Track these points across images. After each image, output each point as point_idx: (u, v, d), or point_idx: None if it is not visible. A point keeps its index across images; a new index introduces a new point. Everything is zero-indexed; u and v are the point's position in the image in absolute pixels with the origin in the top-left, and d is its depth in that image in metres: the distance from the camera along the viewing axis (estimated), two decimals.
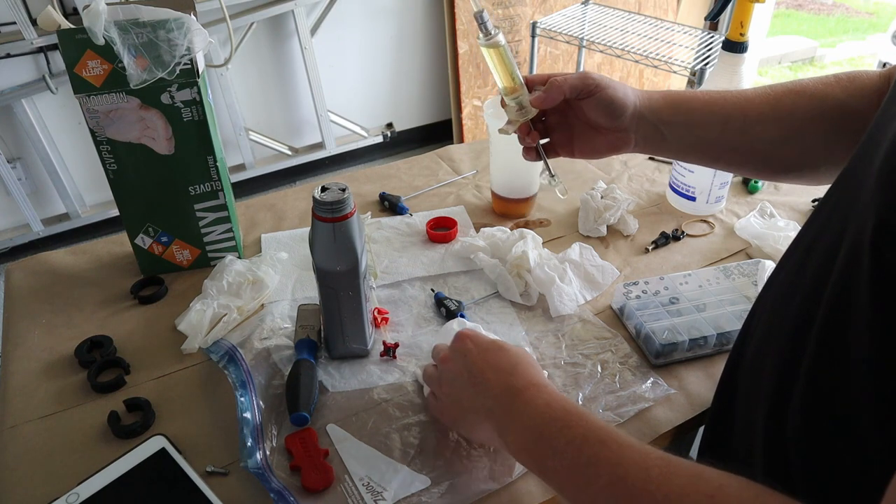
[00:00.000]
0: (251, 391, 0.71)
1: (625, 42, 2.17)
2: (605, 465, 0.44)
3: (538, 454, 0.50)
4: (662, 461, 0.43)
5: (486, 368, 0.58)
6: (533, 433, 0.51)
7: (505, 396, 0.55)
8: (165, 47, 0.77)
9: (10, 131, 2.28)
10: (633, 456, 0.44)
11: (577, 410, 0.50)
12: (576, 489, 0.46)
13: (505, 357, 0.59)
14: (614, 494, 0.43)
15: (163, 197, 0.87)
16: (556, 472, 0.48)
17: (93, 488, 0.62)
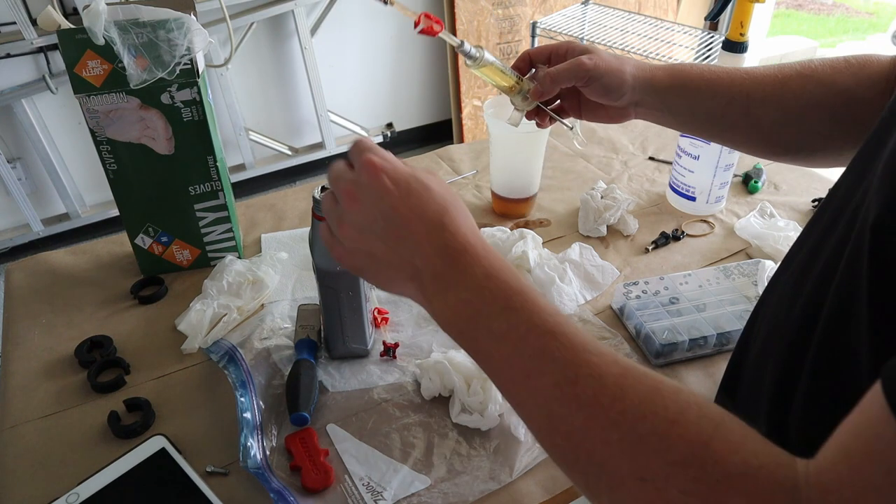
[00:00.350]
0: (251, 391, 0.71)
1: (625, 42, 2.17)
2: (552, 363, 0.39)
3: (471, 334, 0.43)
4: (619, 369, 0.37)
5: (412, 218, 0.45)
6: (468, 309, 0.43)
7: (436, 258, 0.45)
8: (165, 47, 0.77)
9: (10, 131, 2.28)
10: (588, 358, 0.38)
11: (522, 288, 0.42)
12: (512, 382, 0.41)
13: (431, 200, 0.46)
14: (559, 398, 0.38)
15: (163, 197, 0.87)
16: (492, 357, 0.42)
17: (93, 488, 0.62)
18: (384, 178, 0.46)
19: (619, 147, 1.24)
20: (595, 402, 0.37)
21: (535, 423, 0.40)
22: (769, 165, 1.16)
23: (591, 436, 0.36)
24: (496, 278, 0.43)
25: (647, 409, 0.35)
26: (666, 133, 1.28)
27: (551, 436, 0.39)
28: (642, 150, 1.23)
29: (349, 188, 0.47)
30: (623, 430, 0.35)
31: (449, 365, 0.71)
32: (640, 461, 0.34)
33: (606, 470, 0.36)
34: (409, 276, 0.46)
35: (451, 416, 0.70)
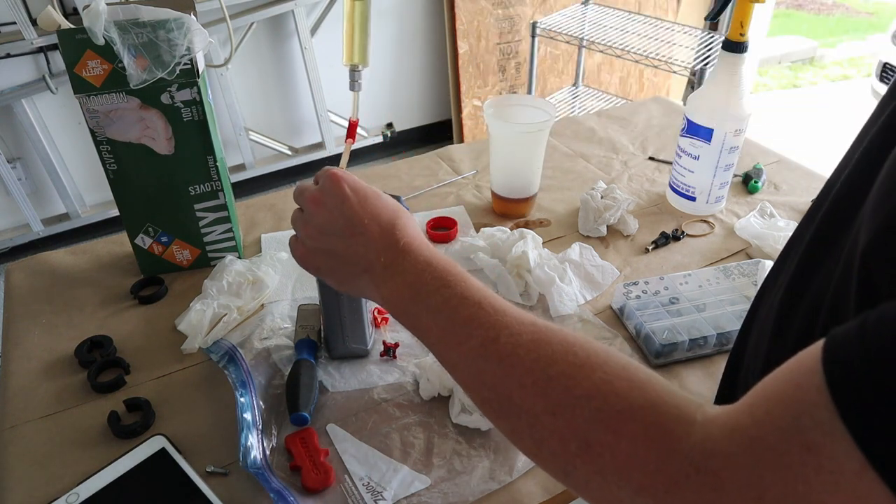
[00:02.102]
0: (251, 391, 0.71)
1: (625, 42, 2.17)
2: (478, 327, 0.45)
3: (414, 312, 0.50)
4: (535, 328, 0.43)
5: (368, 219, 0.54)
6: (410, 291, 0.50)
7: (387, 252, 0.53)
8: (165, 47, 0.77)
9: (10, 131, 2.28)
10: (507, 320, 0.44)
11: (458, 271, 0.50)
12: (447, 348, 0.47)
13: (385, 207, 0.55)
14: (484, 355, 0.43)
15: (163, 197, 0.87)
16: (431, 330, 0.48)
17: (93, 488, 0.62)
18: (345, 185, 0.55)
19: (619, 147, 1.24)
20: (513, 354, 0.42)
21: (467, 381, 0.46)
22: (769, 165, 1.16)
23: (510, 382, 0.42)
24: (434, 265, 0.51)
25: (557, 356, 0.41)
26: (666, 133, 1.28)
27: (479, 389, 0.44)
28: (642, 150, 1.23)
29: (315, 195, 0.56)
30: (536, 374, 0.40)
31: None
32: (551, 398, 0.39)
33: (524, 410, 0.41)
34: (363, 269, 0.54)
35: (451, 416, 0.70)
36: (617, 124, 1.32)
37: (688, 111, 0.98)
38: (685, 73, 2.07)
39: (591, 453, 0.36)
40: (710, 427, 0.33)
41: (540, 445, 0.40)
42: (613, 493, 0.36)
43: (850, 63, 4.47)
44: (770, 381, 0.32)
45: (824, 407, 0.28)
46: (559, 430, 0.38)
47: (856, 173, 0.45)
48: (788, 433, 0.29)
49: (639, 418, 0.35)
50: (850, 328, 0.29)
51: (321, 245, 0.56)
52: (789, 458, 0.29)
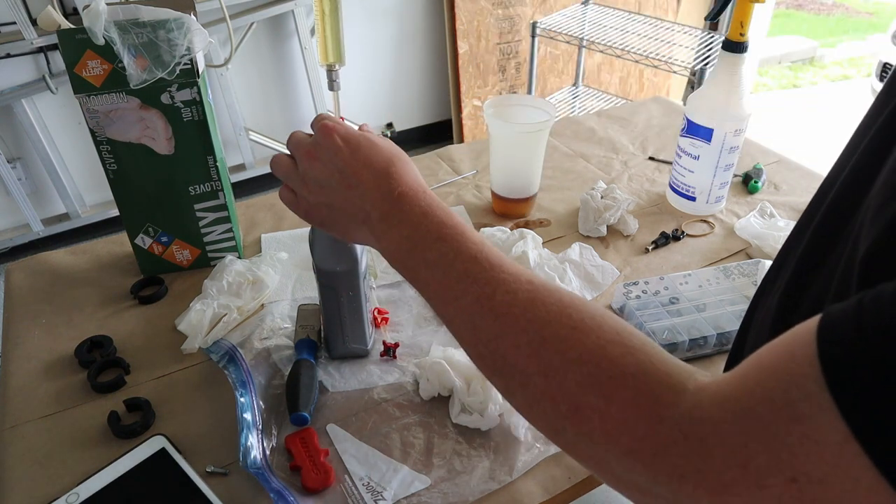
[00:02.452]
0: (251, 391, 0.71)
1: (625, 42, 2.17)
2: (474, 283, 0.44)
3: (412, 265, 0.49)
4: (531, 286, 0.43)
5: (361, 169, 0.53)
6: (408, 243, 0.50)
7: (383, 202, 0.52)
8: (165, 47, 0.77)
9: (10, 131, 2.27)
10: (503, 277, 0.44)
11: (454, 223, 0.49)
12: (444, 303, 0.47)
13: (379, 154, 0.54)
14: (479, 312, 0.43)
15: (163, 197, 0.87)
16: (428, 284, 0.48)
17: (93, 488, 0.62)
18: (336, 137, 0.54)
19: (619, 147, 1.24)
20: (508, 312, 0.42)
21: (463, 336, 0.46)
22: (769, 165, 1.16)
23: (504, 341, 0.42)
24: (432, 215, 0.50)
25: (552, 318, 0.40)
26: (666, 133, 1.28)
27: (475, 345, 0.44)
28: (642, 150, 1.23)
29: (308, 149, 0.56)
30: (530, 335, 0.40)
31: (447, 365, 0.71)
32: (544, 359, 0.39)
33: (518, 369, 0.41)
34: (362, 221, 0.54)
35: (451, 416, 0.70)
36: (617, 124, 1.32)
37: (688, 111, 0.98)
38: (685, 73, 2.07)
39: (580, 416, 0.37)
40: (701, 395, 0.33)
41: (531, 405, 0.41)
42: (601, 455, 0.36)
43: (850, 63, 4.47)
44: (764, 352, 0.33)
45: (814, 379, 0.28)
46: (550, 391, 0.39)
47: (855, 173, 0.44)
48: (777, 403, 0.30)
49: (630, 385, 0.36)
50: (847, 305, 0.29)
51: (321, 199, 0.56)
52: (776, 428, 0.29)
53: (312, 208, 0.58)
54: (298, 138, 0.58)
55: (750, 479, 0.30)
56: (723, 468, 0.31)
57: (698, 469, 0.32)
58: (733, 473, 0.30)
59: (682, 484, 0.32)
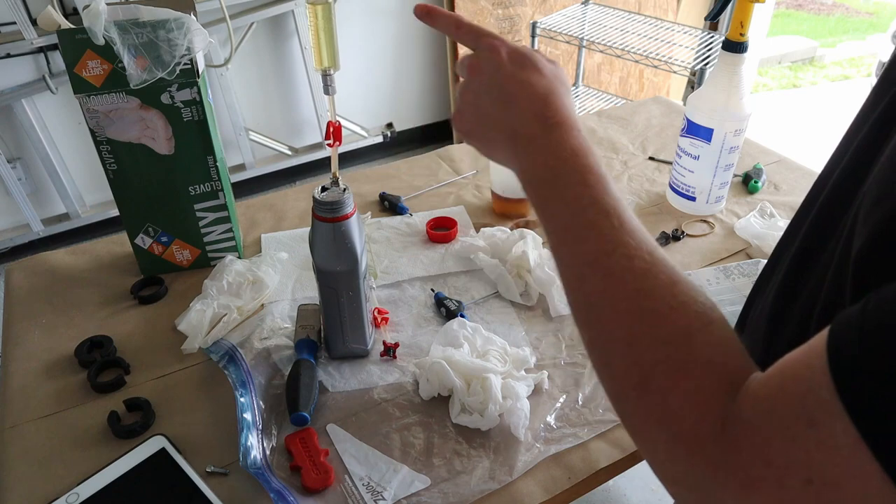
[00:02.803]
0: (251, 391, 0.71)
1: (625, 42, 2.17)
2: (598, 236, 0.44)
3: (545, 194, 0.49)
4: (650, 258, 0.43)
5: (519, 90, 0.53)
6: (549, 174, 0.49)
7: (535, 125, 0.51)
8: (165, 47, 0.77)
9: (10, 131, 2.27)
10: (627, 240, 0.44)
11: (600, 172, 0.48)
12: (562, 242, 0.47)
13: (541, 78, 0.53)
14: (592, 264, 0.44)
15: (163, 197, 0.87)
16: (555, 219, 0.48)
17: (93, 488, 0.62)
18: (502, 51, 0.54)
19: (619, 147, 1.24)
20: (619, 276, 0.42)
21: (568, 282, 0.46)
22: (769, 165, 1.16)
23: (606, 301, 0.42)
24: (581, 155, 0.49)
25: (658, 292, 0.41)
26: (666, 133, 1.28)
27: (575, 292, 0.45)
28: (642, 150, 1.23)
29: (473, 61, 0.55)
30: (631, 303, 0.41)
31: (447, 365, 0.71)
32: (635, 329, 0.40)
33: (606, 330, 0.42)
34: (509, 137, 0.53)
35: (451, 416, 0.70)
36: (617, 124, 1.32)
37: (688, 111, 0.98)
38: (685, 73, 2.07)
39: (647, 392, 0.38)
40: (744, 394, 0.35)
41: (606, 365, 0.42)
42: (653, 433, 0.38)
43: (850, 63, 4.46)
44: (788, 358, 0.34)
45: (826, 388, 0.30)
46: (628, 360, 0.40)
47: (849, 170, 0.45)
48: (796, 409, 0.31)
49: (698, 375, 0.37)
50: (852, 312, 0.31)
51: (476, 109, 0.55)
52: (794, 432, 0.31)
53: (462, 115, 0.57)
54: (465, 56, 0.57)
55: (773, 477, 0.32)
56: (749, 464, 0.33)
57: (729, 463, 0.33)
58: (759, 471, 0.32)
59: (715, 475, 0.34)
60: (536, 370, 0.76)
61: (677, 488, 0.38)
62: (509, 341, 0.79)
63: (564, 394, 0.74)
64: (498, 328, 0.83)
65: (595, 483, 0.67)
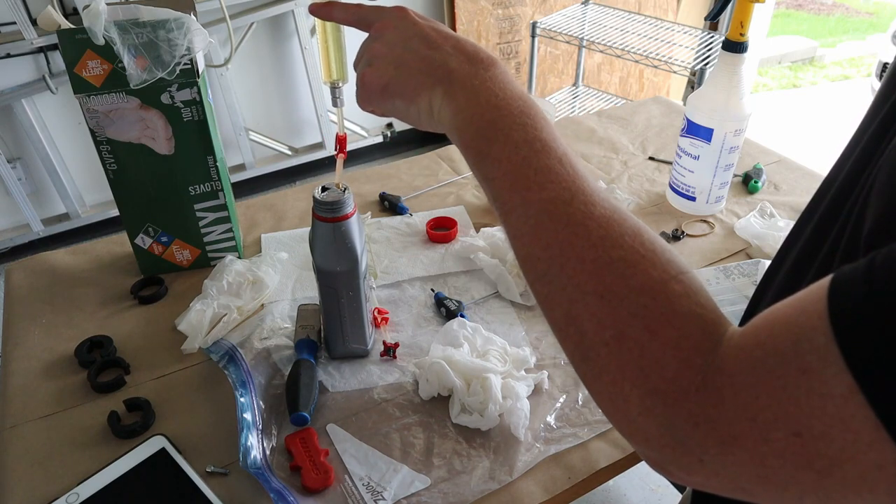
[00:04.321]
0: (251, 391, 0.71)
1: (625, 42, 2.17)
2: (554, 182, 0.41)
3: (489, 136, 0.44)
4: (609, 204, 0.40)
5: (449, 35, 0.50)
6: (494, 112, 0.45)
7: (471, 64, 0.47)
8: (165, 47, 0.77)
9: (10, 131, 2.27)
10: (584, 187, 0.41)
11: (545, 117, 0.45)
12: (511, 189, 0.43)
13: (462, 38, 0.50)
14: (551, 213, 0.40)
15: (163, 197, 0.87)
16: (500, 163, 0.43)
17: (93, 488, 0.62)
18: (411, 13, 0.51)
19: (619, 147, 1.24)
20: (581, 223, 0.39)
21: (519, 231, 0.42)
22: (769, 165, 1.16)
23: (569, 252, 0.39)
24: (525, 98, 0.46)
25: (625, 241, 0.38)
26: (666, 133, 1.28)
27: (530, 245, 0.41)
28: (642, 150, 1.23)
29: (382, 22, 0.52)
30: (598, 252, 0.38)
31: (447, 365, 0.71)
32: (606, 280, 0.37)
33: (572, 283, 0.39)
34: (438, 80, 0.48)
35: (451, 416, 0.70)
36: (617, 124, 1.32)
37: (688, 111, 0.98)
38: (685, 73, 2.07)
39: (622, 346, 0.36)
40: (725, 345, 0.34)
41: (571, 322, 0.39)
42: (625, 390, 0.35)
43: (850, 63, 4.46)
44: (777, 307, 0.33)
45: (822, 332, 0.29)
46: (600, 314, 0.37)
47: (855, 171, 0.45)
48: (786, 356, 0.30)
49: (678, 325, 0.35)
50: (858, 264, 0.30)
51: (391, 59, 0.50)
52: (784, 381, 0.30)
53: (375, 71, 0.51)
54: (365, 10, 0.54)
55: (756, 432, 0.30)
56: (733, 419, 0.31)
57: (710, 418, 0.32)
58: (742, 426, 0.31)
59: (694, 430, 0.33)
60: (536, 370, 0.76)
61: (649, 446, 0.36)
62: (509, 341, 0.79)
63: (564, 394, 0.74)
64: (498, 328, 0.83)
65: (595, 483, 0.67)
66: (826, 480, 0.29)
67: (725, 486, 0.33)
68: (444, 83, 0.48)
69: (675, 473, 0.35)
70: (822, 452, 0.29)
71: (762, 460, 0.30)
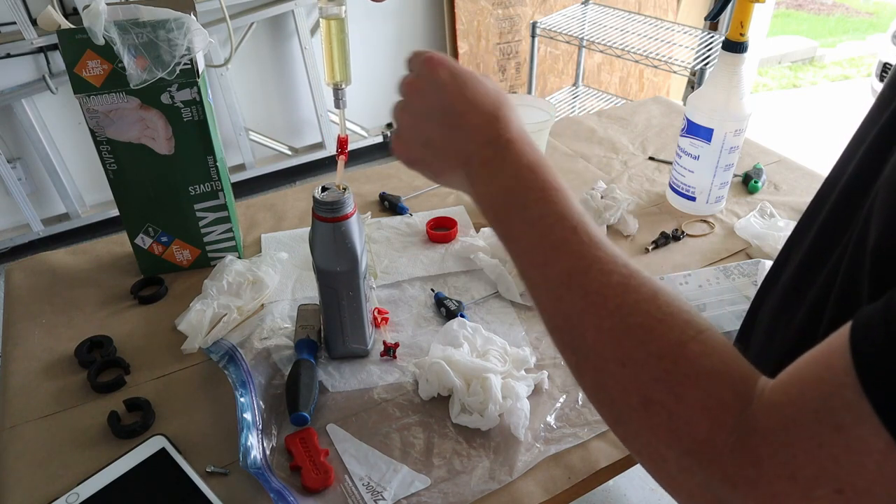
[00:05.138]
0: (251, 391, 0.71)
1: (625, 42, 2.17)
2: (570, 254, 0.42)
3: (507, 218, 0.47)
4: (626, 271, 0.41)
5: (467, 108, 0.50)
6: (508, 196, 0.47)
7: (488, 147, 0.48)
8: (165, 47, 0.77)
9: (10, 131, 2.27)
10: (600, 255, 0.42)
11: (560, 186, 0.46)
12: (532, 266, 0.45)
13: (487, 95, 0.50)
14: (568, 284, 0.42)
15: (163, 197, 0.87)
16: (519, 241, 0.46)
17: (93, 488, 0.62)
18: (443, 71, 0.51)
19: (619, 147, 1.24)
20: (598, 293, 0.40)
21: (542, 304, 0.44)
22: (769, 165, 1.16)
23: (587, 321, 0.40)
24: (538, 171, 0.47)
25: (641, 307, 0.39)
26: (666, 133, 1.28)
27: (554, 316, 0.43)
28: (642, 150, 1.23)
29: (412, 80, 0.52)
30: (615, 320, 0.39)
31: (447, 365, 0.71)
32: (625, 348, 0.38)
33: (594, 352, 0.40)
34: (461, 163, 0.50)
35: (451, 416, 0.70)
36: (617, 124, 1.32)
37: (688, 111, 0.98)
38: (685, 73, 2.07)
39: (649, 411, 0.36)
40: (758, 403, 0.33)
41: (600, 389, 0.40)
42: (661, 451, 0.36)
43: (850, 63, 4.46)
44: (804, 360, 0.33)
45: (851, 388, 0.28)
46: (624, 381, 0.38)
47: (859, 171, 0.44)
48: (819, 413, 0.30)
49: (703, 386, 0.35)
50: (875, 308, 0.29)
51: (419, 135, 0.52)
52: (820, 439, 0.29)
53: (406, 145, 0.54)
54: (405, 76, 0.54)
55: (798, 491, 0.30)
56: (773, 478, 0.31)
57: (749, 478, 0.32)
58: (783, 484, 0.30)
59: (734, 491, 0.32)
60: (536, 370, 0.76)
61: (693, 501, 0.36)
62: (509, 341, 0.79)
63: (564, 394, 0.74)
64: (498, 328, 0.83)
65: (595, 483, 0.67)
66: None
67: None
68: (465, 168, 0.50)
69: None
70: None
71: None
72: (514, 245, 0.46)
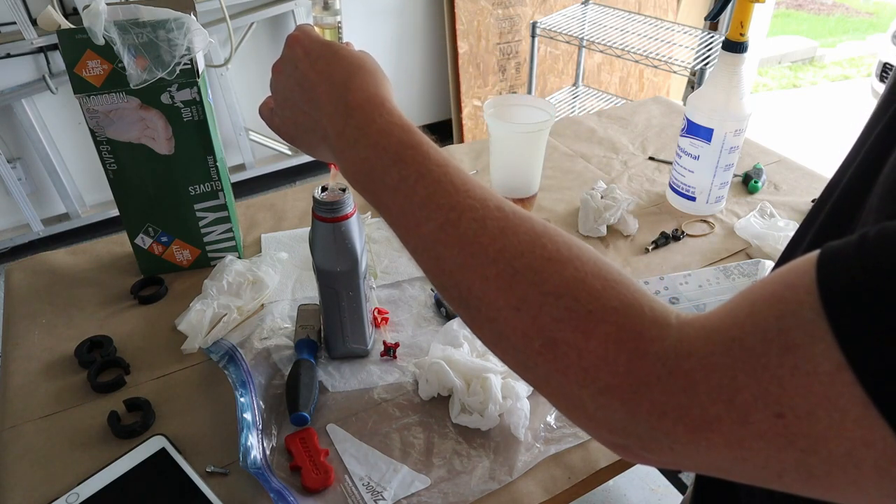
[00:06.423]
0: (251, 391, 0.71)
1: (625, 42, 2.17)
2: (437, 209, 0.40)
3: (372, 188, 0.45)
4: (501, 213, 0.39)
5: (318, 82, 0.49)
6: (365, 165, 0.45)
7: (337, 119, 0.47)
8: (165, 47, 0.77)
9: (10, 131, 2.27)
10: (470, 202, 0.40)
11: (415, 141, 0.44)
12: (406, 231, 0.43)
13: (339, 65, 0.49)
14: (443, 240, 0.40)
15: (163, 197, 0.87)
16: (389, 209, 0.44)
17: (93, 488, 0.62)
18: (298, 48, 0.51)
19: (619, 147, 1.24)
20: (475, 241, 0.38)
21: (427, 267, 0.42)
22: (769, 165, 1.16)
23: (471, 273, 0.38)
24: (390, 134, 0.45)
25: (524, 248, 0.37)
26: (666, 133, 1.28)
27: (439, 276, 0.41)
28: (642, 150, 1.23)
29: (276, 63, 0.53)
30: (500, 266, 0.37)
31: (447, 365, 0.71)
32: (516, 293, 0.36)
33: (484, 302, 0.38)
34: (321, 138, 0.50)
35: (451, 416, 0.70)
36: (617, 124, 1.32)
37: (688, 111, 0.98)
38: (685, 73, 2.07)
39: (555, 352, 0.35)
40: (687, 329, 0.32)
41: (500, 338, 0.38)
42: (574, 391, 0.34)
43: (850, 63, 4.47)
44: (757, 285, 0.32)
45: (810, 306, 0.28)
46: (523, 326, 0.36)
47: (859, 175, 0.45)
48: (769, 333, 0.29)
49: (611, 319, 0.34)
50: (848, 240, 0.29)
51: (287, 114, 0.53)
52: (766, 359, 0.28)
53: (282, 124, 0.54)
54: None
55: (734, 415, 0.29)
56: (707, 403, 0.30)
57: (681, 405, 0.31)
58: (717, 409, 0.29)
59: (662, 420, 0.31)
60: None
61: (613, 438, 0.34)
62: None
63: None
64: None
65: (595, 483, 0.67)
66: (809, 458, 0.28)
67: (699, 467, 0.33)
68: (325, 141, 0.50)
69: (643, 458, 0.34)
70: (806, 432, 0.27)
71: (740, 443, 0.29)
72: (387, 215, 0.45)
